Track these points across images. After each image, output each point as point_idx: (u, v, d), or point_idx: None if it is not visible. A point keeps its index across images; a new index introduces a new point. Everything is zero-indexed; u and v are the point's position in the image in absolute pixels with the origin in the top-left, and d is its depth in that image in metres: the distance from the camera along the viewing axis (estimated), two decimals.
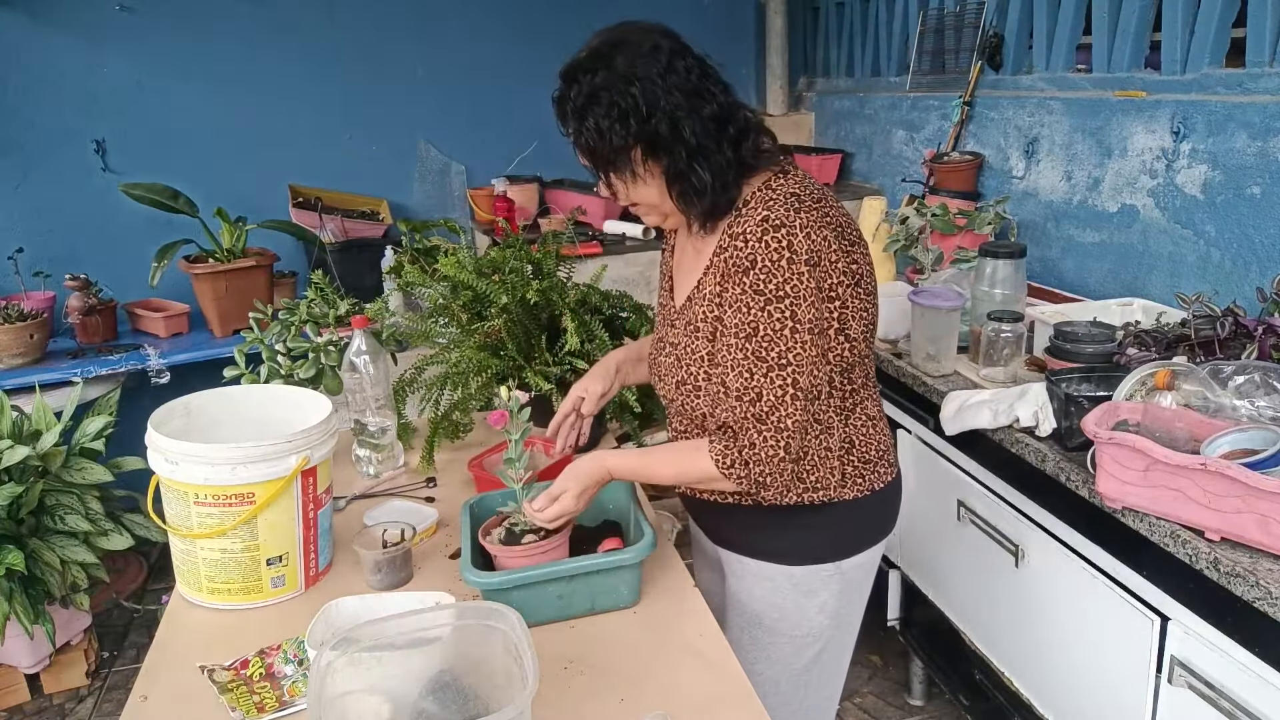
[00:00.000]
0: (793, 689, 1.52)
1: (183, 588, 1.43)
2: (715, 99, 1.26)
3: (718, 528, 1.53)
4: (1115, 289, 2.39)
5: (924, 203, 2.72)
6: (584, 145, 1.28)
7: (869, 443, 1.42)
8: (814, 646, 1.50)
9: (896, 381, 2.18)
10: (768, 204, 1.26)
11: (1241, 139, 2.01)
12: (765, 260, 1.23)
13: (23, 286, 3.13)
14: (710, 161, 1.26)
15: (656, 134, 1.24)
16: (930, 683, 2.51)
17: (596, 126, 1.24)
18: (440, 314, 1.98)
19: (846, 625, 1.53)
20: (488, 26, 3.67)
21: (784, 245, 1.22)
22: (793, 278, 1.22)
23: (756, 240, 1.23)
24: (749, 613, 1.50)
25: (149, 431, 1.37)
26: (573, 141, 1.30)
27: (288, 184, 3.45)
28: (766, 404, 1.24)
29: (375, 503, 1.71)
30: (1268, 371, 1.47)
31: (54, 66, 3.22)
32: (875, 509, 1.46)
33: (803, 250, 1.23)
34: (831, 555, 1.44)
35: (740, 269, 1.24)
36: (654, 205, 1.33)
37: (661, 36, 1.27)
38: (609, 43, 1.26)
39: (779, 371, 1.24)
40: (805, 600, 1.46)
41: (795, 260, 1.22)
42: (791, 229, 1.23)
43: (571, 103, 1.26)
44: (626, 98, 1.22)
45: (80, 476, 2.39)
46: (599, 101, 1.23)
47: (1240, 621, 1.32)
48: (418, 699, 1.04)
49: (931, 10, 3.08)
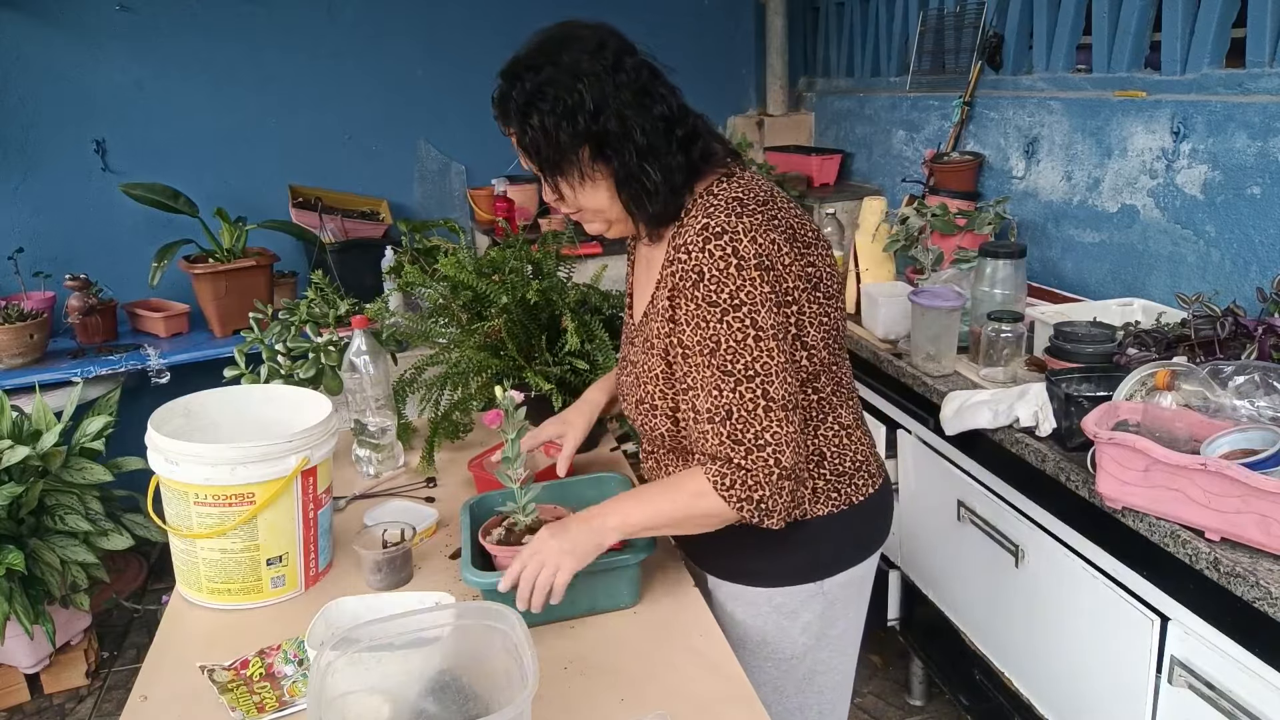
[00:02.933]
0: (787, 711, 1.45)
1: (183, 588, 1.43)
2: (664, 100, 1.21)
3: (699, 552, 1.46)
4: (1115, 289, 2.39)
5: (924, 203, 2.72)
6: (529, 146, 1.21)
7: (841, 455, 1.34)
8: (800, 668, 1.43)
9: (896, 381, 2.18)
10: (708, 211, 1.20)
11: (1241, 139, 2.01)
12: (712, 270, 1.16)
13: (23, 286, 3.13)
14: (661, 162, 1.20)
15: (606, 132, 1.18)
16: (930, 683, 2.51)
17: (542, 125, 1.17)
18: (440, 314, 1.98)
19: (836, 645, 1.44)
20: (488, 27, 3.67)
21: (729, 252, 1.16)
22: (745, 284, 1.16)
23: (699, 250, 1.17)
24: (733, 636, 1.41)
25: (149, 431, 1.37)
26: (516, 142, 1.23)
27: (288, 184, 3.45)
28: (738, 421, 1.17)
29: (375, 503, 1.71)
30: (1268, 371, 1.47)
31: (54, 66, 3.22)
32: (855, 523, 1.37)
33: (750, 255, 1.16)
34: (811, 575, 1.37)
35: (689, 283, 1.18)
36: (600, 211, 1.27)
37: (608, 34, 1.22)
38: (554, 39, 1.21)
39: (747, 384, 1.17)
40: (787, 622, 1.39)
41: (744, 266, 1.16)
42: (735, 235, 1.16)
43: (514, 101, 1.19)
44: (573, 94, 1.16)
45: (80, 476, 2.39)
46: (544, 98, 1.16)
47: (1240, 621, 1.32)
48: (418, 699, 1.04)
49: (931, 10, 3.08)
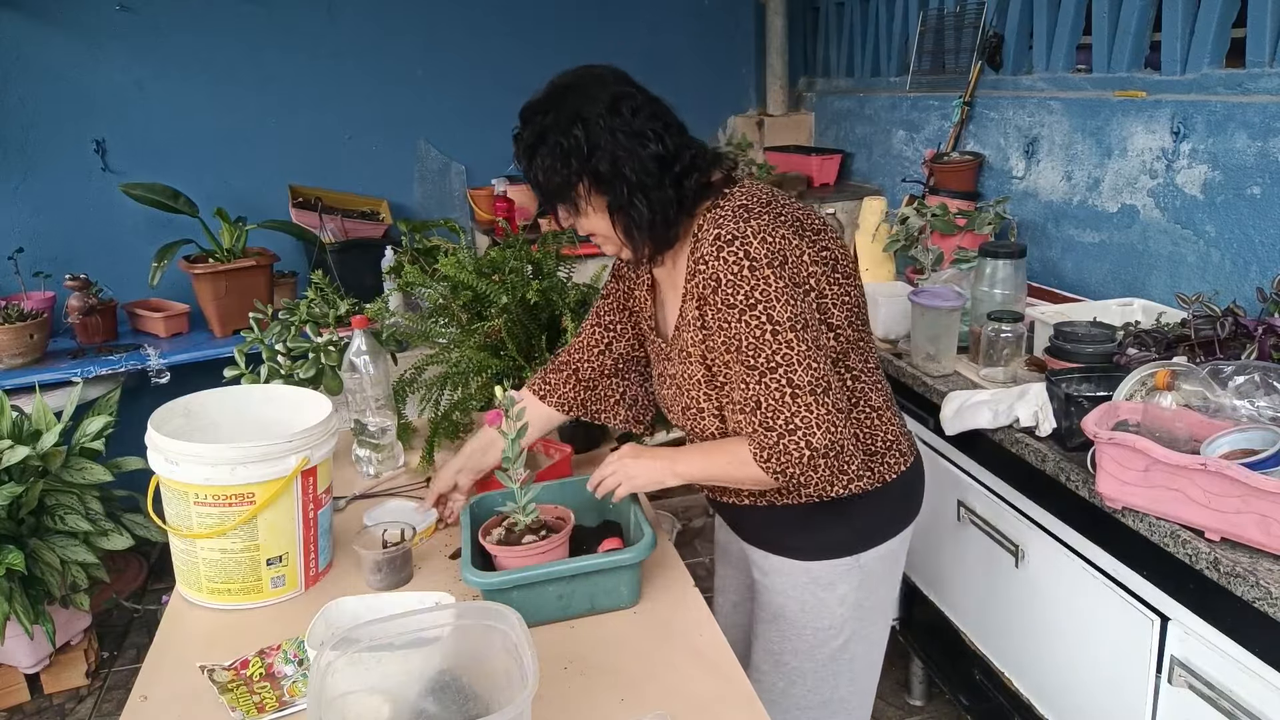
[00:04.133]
0: (819, 680, 1.53)
1: (183, 588, 1.43)
2: (660, 139, 1.31)
3: (740, 524, 1.56)
4: (1115, 289, 2.39)
5: (924, 203, 2.72)
6: (533, 181, 1.35)
7: (873, 436, 1.43)
8: (838, 638, 1.51)
9: (896, 381, 2.18)
10: (717, 223, 1.30)
11: (1241, 139, 2.01)
12: (727, 275, 1.26)
13: (23, 286, 3.13)
14: (650, 197, 1.31)
15: (597, 172, 1.30)
16: (930, 683, 2.51)
17: (543, 164, 1.31)
18: (440, 314, 1.98)
19: (871, 616, 1.53)
20: (488, 26, 3.67)
21: (741, 256, 1.26)
22: (759, 284, 1.25)
23: (714, 259, 1.27)
24: (773, 606, 1.52)
25: (149, 431, 1.37)
26: (525, 176, 1.37)
27: (288, 184, 3.45)
28: (767, 410, 1.27)
29: (375, 503, 1.71)
30: (1268, 371, 1.47)
31: (54, 66, 3.22)
32: (890, 500, 1.47)
33: (762, 256, 1.26)
34: (848, 549, 1.46)
35: (710, 290, 1.29)
36: (606, 236, 1.38)
37: (614, 82, 1.34)
38: (562, 85, 1.34)
39: (770, 375, 1.26)
40: (824, 593, 1.48)
41: (756, 266, 1.26)
42: (745, 239, 1.26)
43: (524, 141, 1.34)
44: (570, 138, 1.28)
45: (80, 476, 2.39)
46: (545, 142, 1.30)
47: (1240, 621, 1.32)
48: (418, 699, 1.04)
49: (931, 10, 3.08)
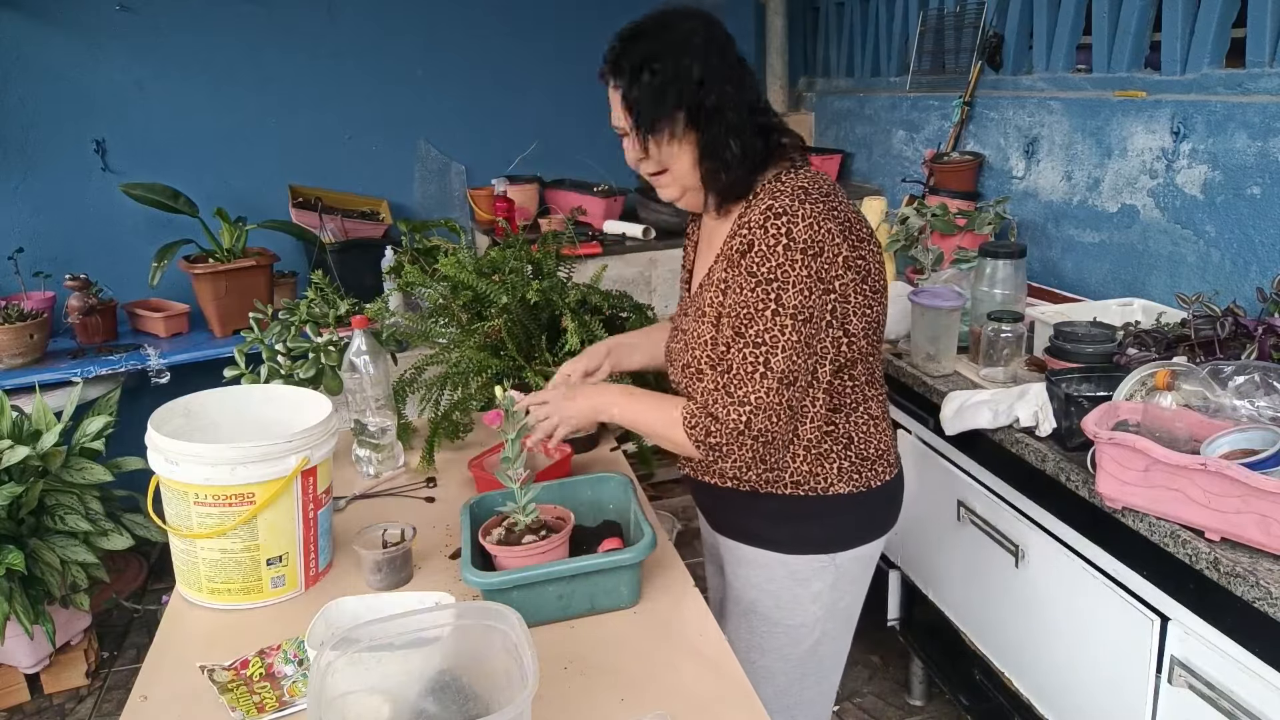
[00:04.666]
0: (789, 681, 1.54)
1: (183, 588, 1.43)
2: (754, 90, 1.34)
3: (717, 512, 1.56)
4: (1115, 289, 2.39)
5: (924, 203, 2.72)
6: (632, 101, 1.32)
7: (868, 441, 1.44)
8: (810, 637, 1.51)
9: (896, 381, 2.18)
10: (774, 194, 1.30)
11: (1241, 139, 2.01)
12: (762, 245, 1.27)
13: (23, 286, 3.13)
14: (743, 142, 1.32)
15: (702, 105, 1.30)
16: (930, 683, 2.51)
17: (650, 84, 1.30)
18: (440, 314, 1.98)
19: (842, 618, 1.55)
20: (488, 26, 3.67)
21: (782, 232, 1.26)
22: (785, 264, 1.26)
23: (758, 226, 1.28)
24: (745, 601, 1.52)
25: (149, 431, 1.37)
26: (622, 96, 1.33)
27: (288, 184, 3.45)
28: (735, 377, 1.29)
29: (375, 503, 1.71)
30: (1268, 371, 1.47)
31: (54, 66, 3.22)
32: (873, 505, 1.48)
33: (801, 239, 1.26)
34: (826, 547, 1.47)
35: (739, 253, 1.30)
36: (679, 177, 1.37)
37: (717, 24, 1.35)
38: (673, 13, 1.34)
39: (753, 349, 1.28)
40: (800, 589, 1.48)
41: (791, 248, 1.26)
42: (793, 217, 1.27)
43: (629, 59, 1.31)
44: (682, 65, 1.28)
45: (80, 476, 2.39)
46: (657, 60, 1.29)
47: (1240, 621, 1.32)
48: (418, 699, 1.04)
49: (931, 10, 3.08)
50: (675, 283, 3.26)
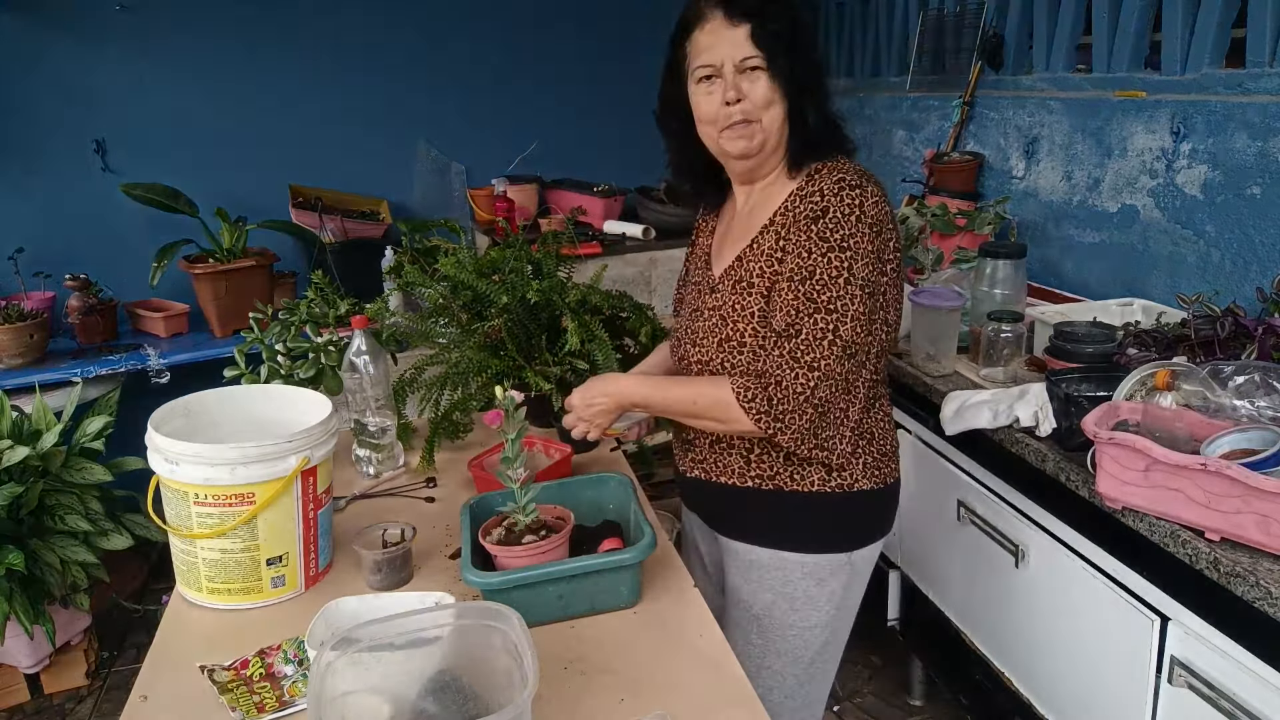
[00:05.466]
0: (797, 682, 1.55)
1: (183, 588, 1.43)
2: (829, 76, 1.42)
3: (728, 516, 1.54)
4: (1115, 289, 2.39)
5: (924, 203, 2.72)
6: (780, 32, 1.33)
7: (885, 437, 1.48)
8: (820, 637, 1.52)
9: (896, 381, 2.18)
10: (841, 170, 1.35)
11: (1241, 139, 2.01)
12: (836, 211, 1.30)
13: (23, 286, 3.13)
14: (823, 110, 1.39)
15: (812, 62, 1.36)
16: (930, 683, 2.51)
17: (802, 21, 1.35)
18: (440, 314, 1.98)
19: (847, 616, 1.57)
20: (488, 26, 3.67)
21: (855, 204, 1.30)
22: (857, 234, 1.29)
23: (832, 195, 1.31)
24: (757, 606, 1.51)
25: (149, 431, 1.37)
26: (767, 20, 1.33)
27: (288, 184, 3.45)
28: (804, 341, 1.29)
29: (375, 503, 1.71)
30: (1268, 371, 1.47)
31: (54, 66, 3.22)
32: (886, 502, 1.51)
33: (870, 214, 1.30)
34: (845, 545, 1.48)
35: (810, 217, 1.31)
36: (768, 125, 1.37)
37: None
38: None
39: (824, 314, 1.29)
40: (816, 590, 1.49)
41: (863, 220, 1.29)
42: (865, 192, 1.31)
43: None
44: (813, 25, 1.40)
45: (80, 476, 2.39)
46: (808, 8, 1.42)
47: (1240, 621, 1.32)
48: (418, 699, 1.04)
49: (931, 10, 3.08)
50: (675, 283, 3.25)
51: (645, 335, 1.98)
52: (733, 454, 1.47)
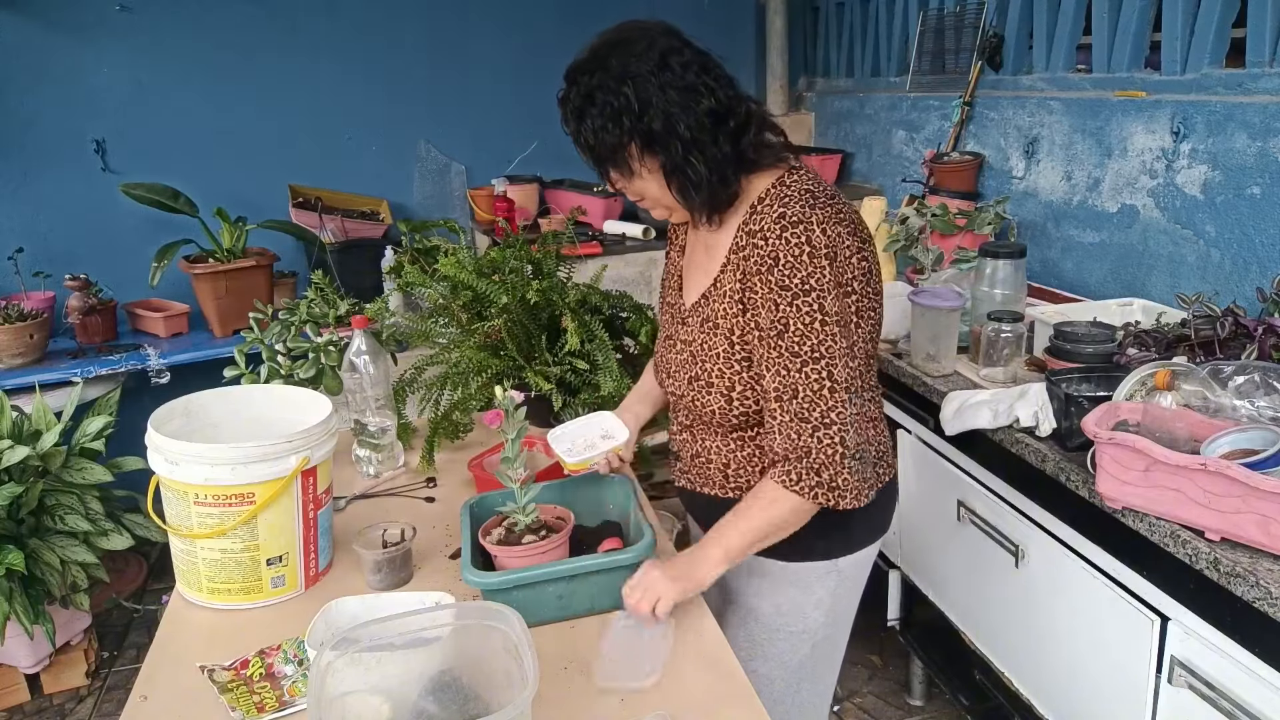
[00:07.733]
0: (786, 687, 1.54)
1: (183, 588, 1.43)
2: (713, 94, 1.27)
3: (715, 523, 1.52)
4: (1115, 289, 2.39)
5: (924, 203, 2.72)
6: (583, 144, 1.31)
7: (868, 445, 1.42)
8: (809, 643, 1.51)
9: (896, 381, 2.18)
10: (783, 200, 1.28)
11: (1241, 139, 2.01)
12: (787, 256, 1.25)
13: (23, 286, 3.13)
14: (706, 155, 1.27)
15: (650, 131, 1.25)
16: (930, 683, 2.51)
17: (593, 126, 1.27)
18: (440, 314, 1.98)
19: (841, 622, 1.55)
20: (488, 27, 3.67)
21: (803, 240, 1.24)
22: (815, 271, 1.24)
23: (776, 237, 1.26)
24: (746, 609, 1.51)
25: (149, 431, 1.37)
26: (573, 141, 1.33)
27: (288, 184, 3.45)
28: (805, 400, 1.26)
29: (375, 503, 1.71)
30: (1268, 371, 1.47)
31: (54, 66, 3.22)
32: (872, 508, 1.45)
33: (821, 245, 1.25)
34: (829, 552, 1.46)
35: (764, 267, 1.27)
36: (657, 199, 1.35)
37: (660, 34, 1.28)
38: (607, 43, 1.29)
39: (813, 365, 1.25)
40: (803, 597, 1.47)
41: (815, 255, 1.24)
42: (809, 224, 1.25)
43: (571, 104, 1.29)
44: (620, 97, 1.24)
45: (80, 476, 2.39)
46: (594, 102, 1.26)
47: (1240, 621, 1.32)
48: (418, 699, 1.04)
49: (931, 10, 3.08)
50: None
51: (645, 335, 1.99)
52: (711, 467, 1.46)
